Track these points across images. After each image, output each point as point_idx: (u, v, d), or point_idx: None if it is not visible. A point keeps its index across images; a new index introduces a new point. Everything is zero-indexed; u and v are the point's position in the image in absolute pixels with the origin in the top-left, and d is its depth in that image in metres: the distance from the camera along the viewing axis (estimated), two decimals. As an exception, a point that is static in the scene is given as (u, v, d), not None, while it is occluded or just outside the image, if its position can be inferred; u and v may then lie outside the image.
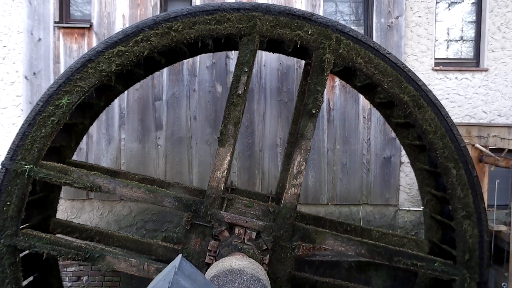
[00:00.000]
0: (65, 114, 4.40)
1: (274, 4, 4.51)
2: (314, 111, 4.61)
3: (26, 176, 4.38)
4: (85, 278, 7.31)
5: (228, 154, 4.61)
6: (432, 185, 5.33)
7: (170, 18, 4.36)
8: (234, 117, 4.58)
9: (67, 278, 7.28)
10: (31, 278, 5.18)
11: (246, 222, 4.65)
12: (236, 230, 4.65)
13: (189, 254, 4.66)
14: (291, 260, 4.70)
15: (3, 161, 4.41)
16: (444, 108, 4.68)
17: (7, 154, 4.41)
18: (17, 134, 4.40)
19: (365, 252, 4.78)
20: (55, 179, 4.48)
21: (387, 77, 4.56)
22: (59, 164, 4.60)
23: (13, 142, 4.41)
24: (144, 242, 5.37)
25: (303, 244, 4.79)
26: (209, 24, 4.39)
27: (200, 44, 4.68)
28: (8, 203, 4.38)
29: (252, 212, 4.72)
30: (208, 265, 4.64)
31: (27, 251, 4.97)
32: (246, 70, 4.53)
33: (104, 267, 4.63)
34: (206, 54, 6.79)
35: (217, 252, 4.62)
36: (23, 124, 4.42)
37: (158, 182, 5.59)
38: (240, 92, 4.54)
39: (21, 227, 4.52)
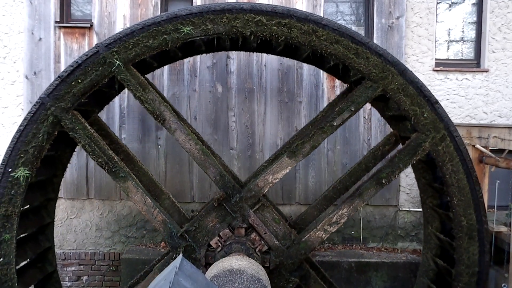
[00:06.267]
0: (179, 40, 4.28)
1: (410, 70, 4.47)
2: (384, 182, 4.59)
3: (111, 69, 4.27)
4: (85, 277, 7.32)
5: (289, 168, 4.58)
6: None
7: (320, 24, 4.32)
8: (316, 141, 4.55)
9: (67, 278, 7.29)
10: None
11: (265, 233, 4.63)
12: (252, 235, 4.64)
13: (199, 227, 4.64)
14: None
15: (98, 43, 4.30)
16: (489, 251, 4.68)
17: (106, 40, 4.29)
18: (126, 29, 4.30)
19: None
20: (132, 88, 4.38)
21: (461, 195, 4.55)
22: (143, 77, 4.47)
23: (118, 33, 4.29)
24: (158, 186, 5.36)
25: (298, 283, 4.76)
26: (349, 51, 4.35)
27: (331, 63, 4.67)
28: (80, 80, 4.24)
29: (274, 228, 4.69)
30: (210, 246, 4.64)
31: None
32: (353, 109, 4.48)
33: (121, 189, 4.52)
34: (207, 54, 6.79)
35: (227, 242, 4.60)
36: (137, 24, 4.31)
37: (206, 144, 5.54)
38: (335, 124, 4.50)
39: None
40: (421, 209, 5.80)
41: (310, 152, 4.60)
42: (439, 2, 7.59)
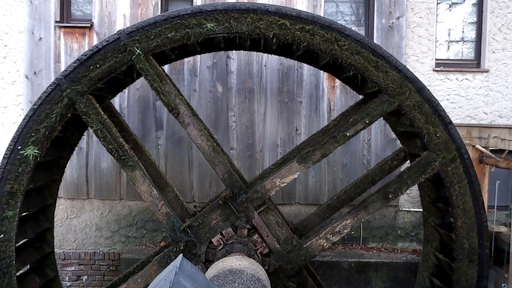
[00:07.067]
0: (201, 35, 4.28)
1: (428, 89, 4.47)
2: (390, 196, 4.59)
3: (130, 57, 4.25)
4: (85, 277, 7.32)
5: (298, 173, 4.59)
6: None
7: (343, 33, 4.33)
8: (327, 149, 4.54)
9: (67, 278, 7.29)
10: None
11: (267, 236, 4.62)
12: (255, 237, 4.63)
13: (202, 223, 4.63)
14: None
15: (120, 30, 4.30)
16: (487, 276, 4.70)
17: (128, 28, 4.27)
18: (149, 19, 4.29)
19: None
20: (149, 78, 4.35)
21: (466, 218, 4.54)
22: (161, 68, 4.45)
23: (141, 22, 4.29)
24: (163, 178, 5.35)
25: None
26: (369, 63, 4.36)
27: (350, 73, 4.68)
28: (98, 65, 4.23)
29: (277, 232, 4.68)
30: (211, 243, 4.63)
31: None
32: (367, 122, 4.48)
33: (128, 177, 4.53)
34: (207, 54, 6.79)
35: (229, 241, 4.60)
36: (161, 15, 4.29)
37: (216, 141, 5.59)
38: (348, 134, 4.50)
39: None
40: (421, 210, 5.81)
41: (320, 160, 4.59)
42: (439, 2, 7.59)
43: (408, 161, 5.44)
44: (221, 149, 5.68)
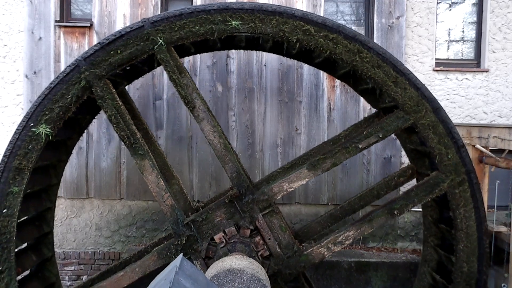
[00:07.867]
0: (225, 32, 4.30)
1: (444, 110, 4.47)
2: (396, 212, 4.60)
3: (152, 46, 4.28)
4: (84, 277, 7.31)
5: (306, 179, 4.60)
6: None
7: (366, 45, 4.33)
8: (338, 159, 4.56)
9: (67, 277, 7.29)
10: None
11: (269, 239, 4.63)
12: (257, 238, 4.63)
13: (206, 219, 4.62)
14: None
15: (144, 18, 4.31)
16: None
17: (153, 17, 4.30)
18: (176, 11, 4.32)
19: None
20: (169, 69, 4.36)
21: (468, 242, 4.54)
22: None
23: (166, 13, 4.31)
24: (170, 170, 5.37)
25: None
26: (388, 78, 4.37)
27: (369, 86, 4.70)
28: (119, 51, 4.26)
29: (279, 236, 4.68)
30: (212, 240, 4.63)
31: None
32: (380, 136, 4.49)
33: (136, 166, 4.55)
34: (207, 53, 6.80)
35: (231, 240, 4.61)
36: (187, 8, 4.32)
37: (227, 138, 5.60)
38: (360, 146, 4.52)
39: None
40: (420, 209, 5.81)
41: (330, 169, 4.60)
42: (439, 2, 7.59)
43: (415, 180, 5.43)
44: (232, 147, 5.70)
